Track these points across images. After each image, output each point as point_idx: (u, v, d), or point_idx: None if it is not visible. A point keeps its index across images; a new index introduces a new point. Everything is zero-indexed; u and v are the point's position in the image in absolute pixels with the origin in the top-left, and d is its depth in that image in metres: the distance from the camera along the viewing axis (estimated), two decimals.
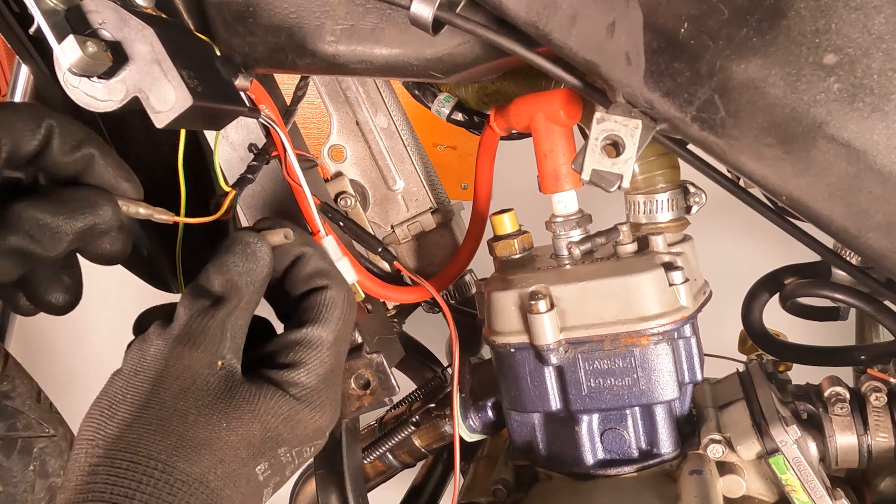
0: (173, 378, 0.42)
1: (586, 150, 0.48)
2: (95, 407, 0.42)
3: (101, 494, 0.37)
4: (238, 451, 0.42)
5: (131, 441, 0.39)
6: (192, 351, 0.43)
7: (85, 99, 0.46)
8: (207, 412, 0.41)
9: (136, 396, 0.41)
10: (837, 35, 0.40)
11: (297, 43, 0.55)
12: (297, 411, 0.45)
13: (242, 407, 0.43)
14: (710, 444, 0.63)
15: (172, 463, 0.39)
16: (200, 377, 0.42)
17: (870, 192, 0.42)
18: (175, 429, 0.40)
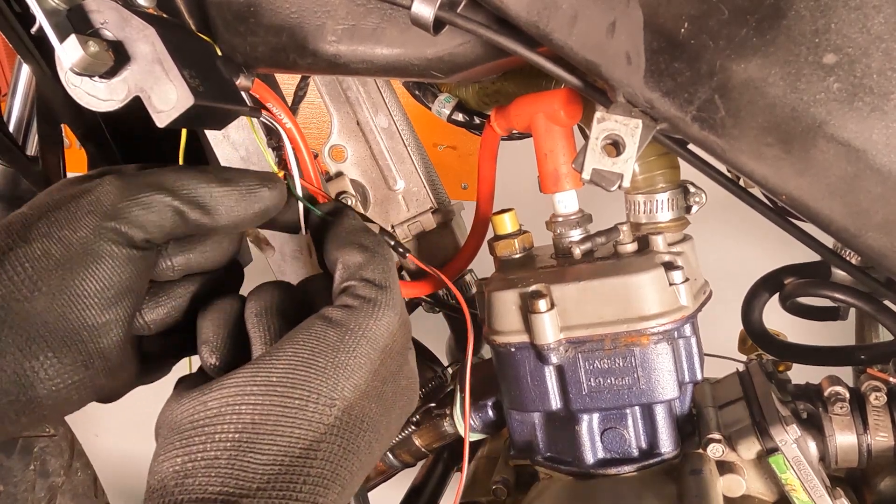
0: (388, 353, 0.42)
1: (587, 149, 0.48)
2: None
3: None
4: (410, 374, 0.45)
5: (363, 406, 0.40)
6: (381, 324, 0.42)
7: (86, 98, 0.46)
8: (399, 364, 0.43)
9: (365, 367, 0.41)
10: (837, 35, 0.40)
11: (299, 43, 0.55)
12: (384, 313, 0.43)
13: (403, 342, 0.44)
14: (710, 444, 0.64)
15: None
16: (399, 345, 0.43)
17: (869, 192, 0.42)
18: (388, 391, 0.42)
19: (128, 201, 0.41)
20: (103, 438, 2.12)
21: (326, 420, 0.38)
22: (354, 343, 0.41)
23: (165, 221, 0.42)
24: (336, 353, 0.40)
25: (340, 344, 0.40)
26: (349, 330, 0.41)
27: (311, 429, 0.38)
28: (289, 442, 0.37)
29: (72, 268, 0.39)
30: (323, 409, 0.38)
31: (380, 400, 0.42)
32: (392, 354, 0.43)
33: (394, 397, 0.43)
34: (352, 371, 0.40)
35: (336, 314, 0.41)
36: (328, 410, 0.38)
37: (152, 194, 0.42)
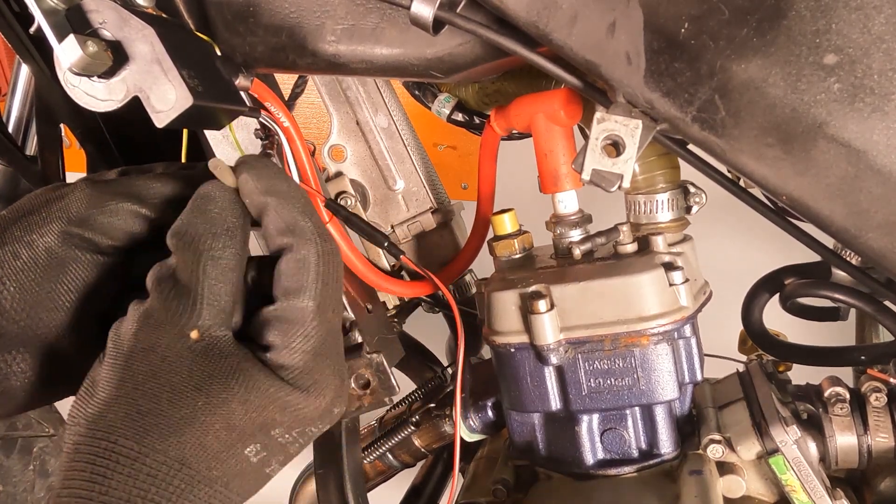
0: (142, 357, 0.39)
1: (586, 149, 0.48)
2: (82, 386, 0.40)
3: (82, 473, 0.36)
4: (219, 432, 0.38)
5: (108, 420, 0.37)
6: (157, 328, 0.39)
7: (85, 98, 0.46)
8: (181, 391, 0.38)
9: (112, 376, 0.39)
10: (838, 35, 0.40)
11: (298, 43, 0.55)
12: (288, 394, 0.40)
13: (218, 386, 0.38)
14: (710, 445, 0.63)
15: (149, 444, 0.37)
16: (172, 353, 0.38)
17: (870, 192, 0.42)
18: (149, 409, 0.37)
19: (95, 209, 0.43)
20: None
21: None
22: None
23: (133, 227, 0.44)
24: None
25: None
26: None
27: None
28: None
29: (39, 271, 0.42)
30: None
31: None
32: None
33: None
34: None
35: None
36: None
37: (120, 202, 0.43)
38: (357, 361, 0.58)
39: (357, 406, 0.59)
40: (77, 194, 0.43)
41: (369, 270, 0.63)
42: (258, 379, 0.39)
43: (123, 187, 0.44)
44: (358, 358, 0.58)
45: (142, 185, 0.45)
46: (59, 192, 0.43)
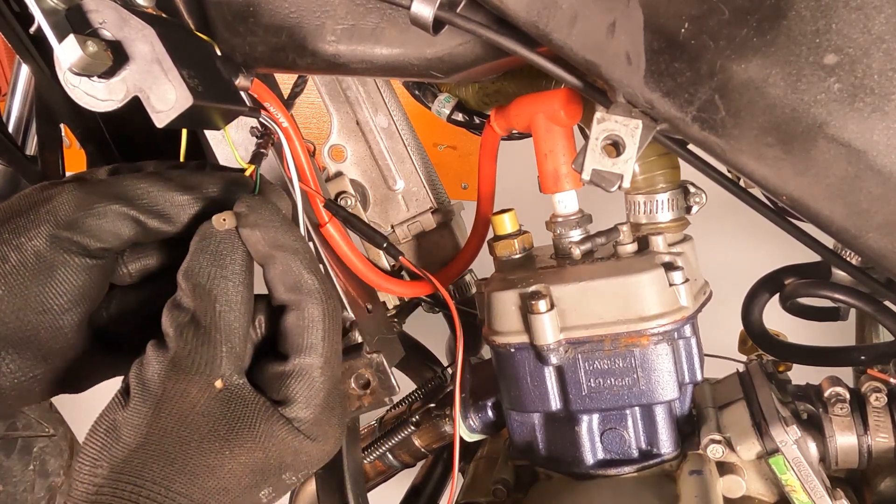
0: (172, 404, 0.40)
1: (587, 149, 0.48)
2: (99, 425, 0.41)
3: None
4: (241, 478, 0.41)
5: (136, 466, 0.39)
6: (186, 375, 0.40)
7: (85, 98, 0.46)
8: (210, 438, 0.40)
9: (139, 421, 0.40)
10: (838, 35, 0.40)
11: (298, 42, 0.55)
12: (300, 442, 0.43)
13: (245, 434, 0.41)
14: (710, 445, 0.63)
15: (176, 489, 0.38)
16: (199, 403, 0.40)
17: (870, 193, 0.42)
18: (178, 455, 0.39)
19: (83, 212, 0.42)
20: None
21: None
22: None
23: (122, 230, 0.43)
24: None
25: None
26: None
27: None
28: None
29: (27, 274, 0.42)
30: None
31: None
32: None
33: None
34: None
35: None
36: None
37: (108, 204, 0.43)
38: (357, 361, 0.58)
39: (357, 406, 0.59)
40: (65, 196, 0.43)
41: (369, 270, 0.63)
42: (277, 428, 0.42)
43: (112, 188, 0.44)
44: (358, 358, 0.58)
45: (130, 185, 0.44)
46: (47, 194, 0.43)
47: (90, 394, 0.49)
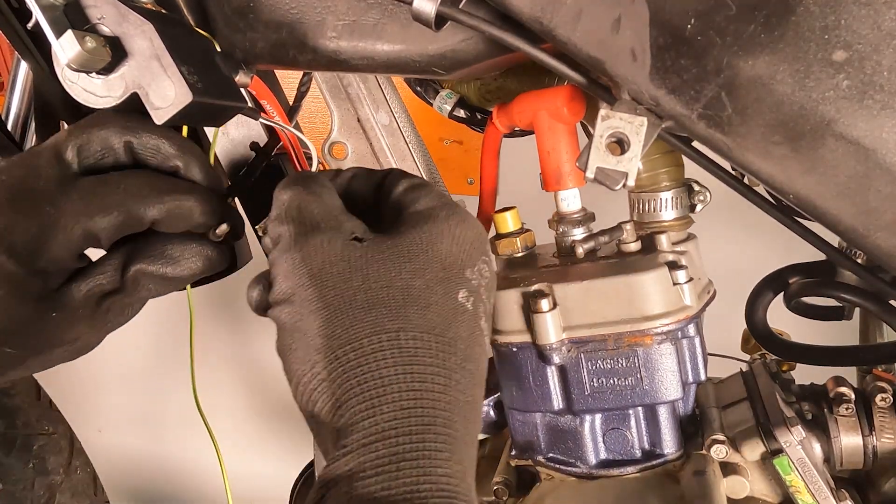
0: (330, 271, 0.40)
1: (591, 147, 0.47)
2: (283, 337, 0.41)
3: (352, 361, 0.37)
4: (434, 290, 0.40)
5: (341, 337, 0.38)
6: (315, 243, 0.41)
7: (84, 95, 0.46)
8: (382, 272, 0.40)
9: (311, 296, 0.40)
10: (847, 31, 0.39)
11: (298, 39, 0.54)
12: (453, 226, 0.43)
13: (408, 252, 0.41)
14: (714, 445, 0.63)
15: (390, 327, 0.38)
16: (349, 254, 0.40)
17: (879, 191, 0.42)
18: (374, 301, 0.39)
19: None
20: (104, 435, 2.12)
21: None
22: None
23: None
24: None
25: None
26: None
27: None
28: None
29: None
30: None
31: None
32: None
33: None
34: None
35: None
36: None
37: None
38: None
39: None
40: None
41: None
42: (422, 229, 0.42)
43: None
44: None
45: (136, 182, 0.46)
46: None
47: (89, 392, 0.49)
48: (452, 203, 0.45)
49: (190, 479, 2.09)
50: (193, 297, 0.53)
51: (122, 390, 2.13)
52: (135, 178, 0.46)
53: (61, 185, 0.44)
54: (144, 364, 2.09)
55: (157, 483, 2.13)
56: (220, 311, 1.99)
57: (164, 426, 2.10)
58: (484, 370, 0.42)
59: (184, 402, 2.11)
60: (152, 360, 2.08)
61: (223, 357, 2.06)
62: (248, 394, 2.07)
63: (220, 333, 2.06)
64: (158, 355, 2.07)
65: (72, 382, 1.79)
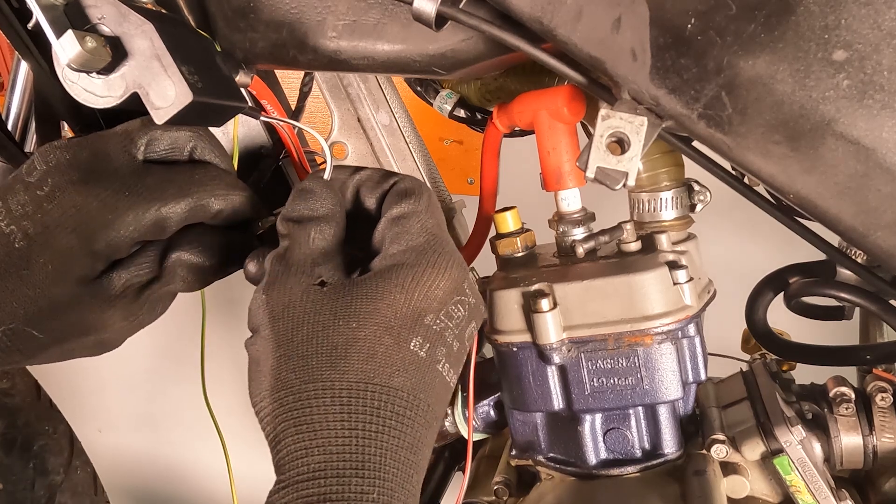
0: (289, 314, 0.42)
1: (591, 147, 0.47)
2: (250, 369, 0.44)
3: (287, 430, 0.40)
4: (381, 339, 0.41)
5: (283, 380, 0.41)
6: (282, 287, 0.43)
7: (84, 95, 0.46)
8: (332, 322, 0.41)
9: (266, 347, 0.42)
10: (847, 31, 0.39)
11: (299, 39, 0.54)
12: (418, 274, 0.43)
13: (360, 301, 0.42)
14: (714, 444, 0.63)
15: (327, 377, 0.40)
16: (307, 299, 0.42)
17: (879, 191, 0.42)
18: (319, 350, 0.41)
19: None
20: (105, 435, 2.12)
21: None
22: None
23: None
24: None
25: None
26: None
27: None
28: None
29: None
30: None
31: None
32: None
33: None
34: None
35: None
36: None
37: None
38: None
39: None
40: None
41: None
42: (386, 277, 0.43)
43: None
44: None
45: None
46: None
47: (89, 392, 0.49)
48: (430, 244, 0.45)
49: (190, 479, 2.09)
50: (196, 297, 0.53)
51: (122, 390, 2.13)
52: (203, 170, 0.49)
53: (134, 171, 0.46)
54: (145, 364, 2.09)
55: (157, 483, 2.13)
56: (223, 311, 1.99)
57: (165, 426, 2.10)
58: (437, 409, 0.43)
59: (184, 402, 2.12)
60: (152, 360, 2.08)
61: (224, 357, 2.07)
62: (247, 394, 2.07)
63: (222, 333, 2.06)
64: (159, 355, 2.07)
65: (72, 382, 1.79)
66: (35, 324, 0.46)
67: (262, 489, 0.42)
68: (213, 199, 0.48)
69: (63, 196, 0.45)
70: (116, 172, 0.46)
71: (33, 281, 0.45)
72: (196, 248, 0.49)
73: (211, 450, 2.11)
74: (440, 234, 0.46)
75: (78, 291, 0.46)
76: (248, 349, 0.44)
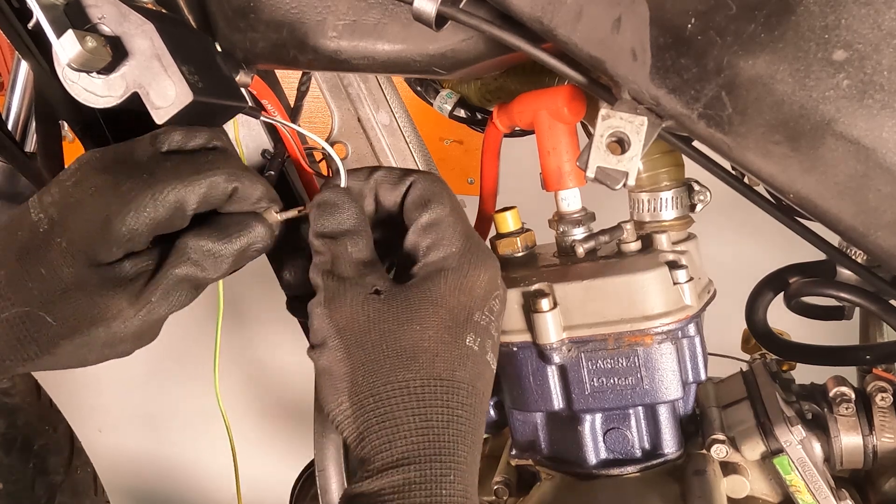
0: (354, 324, 0.46)
1: (591, 147, 0.47)
2: (319, 384, 0.48)
3: (366, 430, 0.45)
4: (442, 338, 0.46)
5: (361, 382, 0.45)
6: (341, 300, 0.47)
7: (84, 94, 0.46)
8: (396, 327, 0.46)
9: (338, 356, 0.46)
10: (847, 31, 0.39)
11: (299, 39, 0.54)
12: (463, 276, 0.47)
13: (419, 307, 0.46)
14: (714, 444, 0.63)
15: (401, 377, 0.44)
16: (368, 308, 0.46)
17: (879, 191, 0.42)
18: (389, 354, 0.45)
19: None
20: (105, 435, 2.12)
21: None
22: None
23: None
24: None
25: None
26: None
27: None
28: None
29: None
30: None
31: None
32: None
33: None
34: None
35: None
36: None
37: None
38: None
39: None
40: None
41: None
42: (436, 281, 0.47)
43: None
44: None
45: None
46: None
47: (89, 391, 0.49)
48: (467, 247, 0.49)
49: (190, 479, 2.10)
50: (202, 298, 0.53)
51: (122, 390, 2.13)
52: (217, 152, 0.50)
53: (153, 158, 0.48)
54: (145, 364, 2.09)
55: (157, 483, 2.13)
56: (227, 312, 2.00)
57: (165, 426, 2.10)
58: (487, 395, 0.48)
59: (184, 402, 2.12)
60: (153, 360, 2.08)
61: (224, 357, 2.06)
62: (250, 394, 2.07)
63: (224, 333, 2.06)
64: (159, 356, 2.07)
65: (72, 382, 1.79)
66: (48, 307, 0.46)
67: (265, 488, 0.43)
68: (226, 177, 0.49)
69: (85, 180, 0.47)
70: (137, 162, 0.48)
71: (48, 260, 0.46)
72: (205, 228, 0.50)
73: (211, 449, 2.11)
74: (471, 232, 0.50)
75: (88, 273, 0.46)
76: (317, 361, 0.48)
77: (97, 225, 0.45)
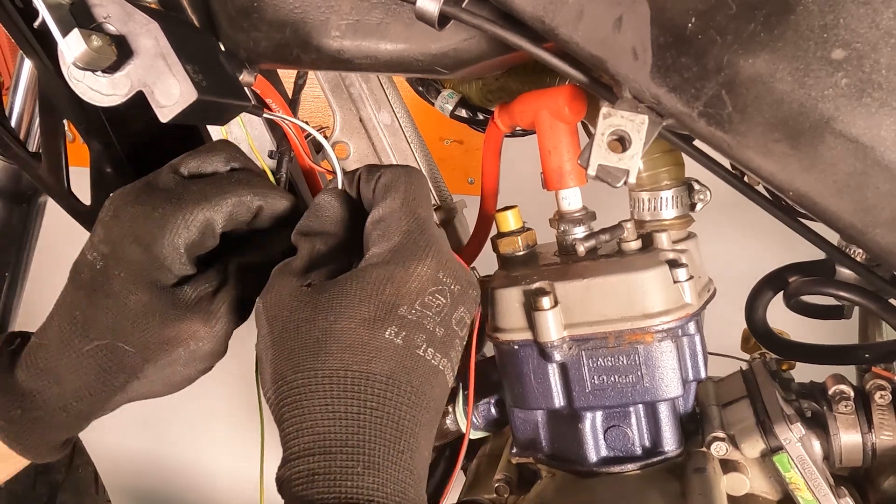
0: (279, 314, 0.47)
1: (592, 145, 0.48)
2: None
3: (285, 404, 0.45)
4: (356, 331, 0.45)
5: (277, 371, 0.46)
6: (276, 291, 0.48)
7: (89, 93, 0.46)
8: (312, 317, 0.46)
9: (265, 343, 0.48)
10: (846, 30, 0.39)
11: (302, 38, 0.54)
12: (390, 271, 0.46)
13: (340, 299, 0.46)
14: (714, 442, 0.63)
15: (310, 366, 0.44)
16: (293, 299, 0.47)
17: (877, 189, 0.42)
18: (304, 343, 0.45)
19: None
20: (106, 434, 2.12)
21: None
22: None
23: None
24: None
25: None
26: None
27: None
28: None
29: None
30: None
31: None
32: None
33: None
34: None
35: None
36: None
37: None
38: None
39: None
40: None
41: None
42: (361, 276, 0.46)
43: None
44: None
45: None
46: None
47: None
48: (404, 244, 0.48)
49: (191, 478, 2.10)
50: None
51: None
52: (241, 174, 0.54)
53: (179, 184, 0.52)
54: None
55: (158, 482, 2.13)
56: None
57: (165, 425, 2.10)
58: (428, 394, 0.47)
59: (185, 402, 2.12)
60: None
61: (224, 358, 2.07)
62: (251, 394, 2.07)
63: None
64: None
65: None
66: (124, 337, 0.50)
67: (265, 488, 0.44)
68: (251, 195, 0.52)
69: (121, 213, 0.51)
70: (164, 189, 0.51)
71: (113, 293, 0.50)
72: (248, 249, 0.55)
73: (211, 449, 2.11)
74: (416, 226, 0.49)
75: (152, 298, 0.50)
76: (255, 349, 0.49)
77: (142, 251, 0.49)
